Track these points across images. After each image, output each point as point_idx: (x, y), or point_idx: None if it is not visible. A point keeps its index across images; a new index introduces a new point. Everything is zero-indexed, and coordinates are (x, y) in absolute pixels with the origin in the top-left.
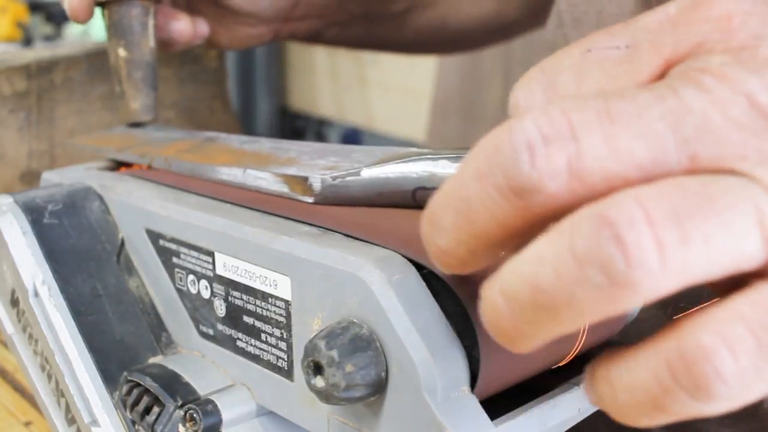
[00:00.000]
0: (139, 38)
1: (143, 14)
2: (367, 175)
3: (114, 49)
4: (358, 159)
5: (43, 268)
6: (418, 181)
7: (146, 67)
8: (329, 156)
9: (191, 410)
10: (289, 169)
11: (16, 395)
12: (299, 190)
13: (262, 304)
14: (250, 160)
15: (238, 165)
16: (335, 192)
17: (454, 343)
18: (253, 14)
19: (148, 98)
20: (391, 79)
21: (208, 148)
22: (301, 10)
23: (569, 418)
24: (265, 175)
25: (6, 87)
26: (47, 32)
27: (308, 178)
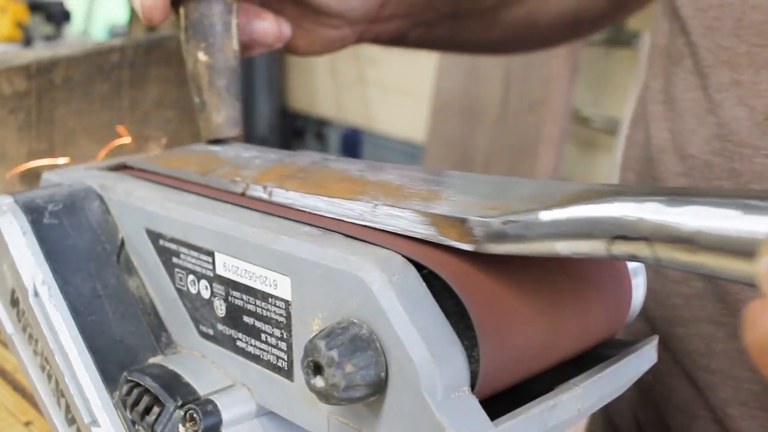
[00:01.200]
0: (222, 40)
1: (226, 12)
2: (548, 218)
3: (192, 53)
4: (523, 195)
5: (43, 268)
6: (618, 228)
7: (230, 74)
8: (481, 189)
9: (191, 410)
10: (437, 206)
11: (16, 395)
12: (453, 234)
13: (262, 304)
14: (377, 192)
15: (366, 199)
16: (503, 239)
17: (454, 343)
18: (340, 14)
19: (233, 110)
20: (391, 79)
21: (317, 174)
22: (390, 10)
23: (569, 418)
24: (405, 213)
25: (6, 87)
26: (47, 32)
27: (467, 220)
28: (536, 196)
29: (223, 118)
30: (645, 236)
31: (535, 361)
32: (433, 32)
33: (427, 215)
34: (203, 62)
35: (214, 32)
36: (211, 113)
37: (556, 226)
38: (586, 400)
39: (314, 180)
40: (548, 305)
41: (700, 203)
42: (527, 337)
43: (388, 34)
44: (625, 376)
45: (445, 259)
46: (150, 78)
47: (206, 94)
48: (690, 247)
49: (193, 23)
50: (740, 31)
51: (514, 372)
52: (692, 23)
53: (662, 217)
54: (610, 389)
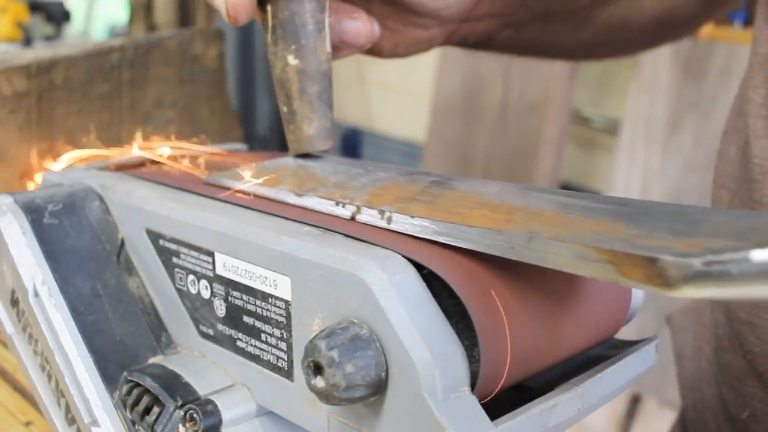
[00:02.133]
0: (315, 41)
1: (319, 10)
2: (762, 258)
3: (282, 56)
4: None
5: (43, 268)
6: None
7: (323, 80)
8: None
9: (191, 410)
10: (609, 241)
11: (16, 395)
12: (638, 275)
13: (262, 304)
14: (528, 220)
15: (515, 229)
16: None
17: (454, 343)
18: (434, 13)
19: (326, 120)
20: (391, 79)
21: (445, 197)
22: (483, 8)
23: (569, 418)
24: (573, 249)
25: (6, 87)
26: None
27: (658, 259)
28: (737, 230)
29: (315, 129)
30: None
31: (535, 361)
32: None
33: (602, 252)
34: (294, 66)
35: (306, 33)
36: (302, 124)
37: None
38: (586, 400)
39: (444, 205)
40: (548, 305)
41: None
42: (527, 337)
43: (477, 34)
44: (625, 376)
45: (445, 259)
46: (150, 78)
47: (297, 102)
48: None
49: (282, 23)
50: None
51: (514, 372)
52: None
53: None
54: (610, 389)
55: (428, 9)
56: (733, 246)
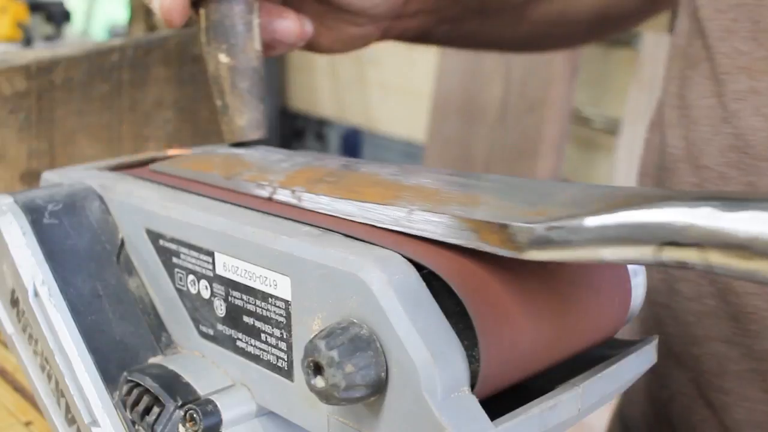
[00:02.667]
0: (244, 40)
1: (247, 12)
2: (593, 224)
3: (214, 55)
4: (564, 200)
5: (43, 269)
6: (668, 234)
7: (253, 75)
8: (520, 193)
9: (191, 410)
10: (475, 211)
11: (16, 395)
12: (495, 240)
13: (262, 304)
14: (413, 196)
15: (400, 204)
16: (547, 245)
17: (454, 343)
18: (363, 11)
19: (257, 112)
20: (391, 79)
21: (348, 178)
22: (414, 6)
23: (569, 418)
24: (442, 218)
25: (6, 87)
26: (47, 32)
27: (509, 225)
28: (579, 201)
29: (246, 120)
30: (697, 242)
31: (535, 361)
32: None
33: (466, 221)
34: (225, 64)
35: (236, 33)
36: (234, 116)
37: (602, 232)
38: (586, 400)
39: (345, 184)
40: (548, 305)
41: (757, 208)
42: (527, 337)
43: (413, 30)
44: (625, 376)
45: (445, 259)
46: (150, 78)
47: (228, 96)
48: (746, 253)
49: (213, 24)
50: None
51: (514, 372)
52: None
53: (716, 223)
54: (610, 389)
55: (356, 8)
56: (572, 213)
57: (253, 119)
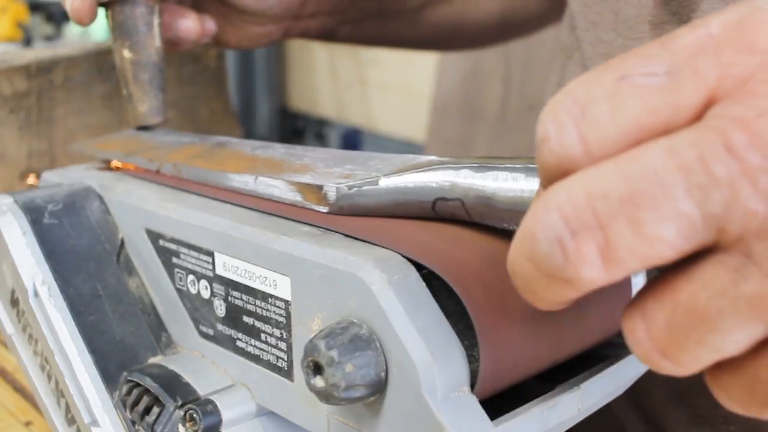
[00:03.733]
0: (145, 38)
1: (148, 13)
2: (385, 184)
3: (119, 50)
4: (375, 167)
5: (43, 268)
6: (438, 192)
7: (153, 68)
8: (345, 164)
9: (191, 410)
10: (302, 177)
11: (16, 395)
12: (313, 199)
13: (262, 304)
14: (262, 166)
15: (250, 172)
16: (351, 202)
17: (454, 343)
18: (259, 12)
19: (156, 100)
20: (391, 79)
21: (218, 153)
22: (311, 8)
23: (569, 418)
24: (278, 183)
25: (6, 87)
26: (47, 32)
27: (323, 186)
28: (384, 168)
29: (146, 107)
30: (459, 197)
31: (535, 360)
32: (362, 30)
33: (294, 184)
34: (128, 58)
35: (138, 31)
36: (137, 104)
37: (391, 191)
38: (586, 400)
39: (215, 158)
40: None
41: (498, 169)
42: (527, 337)
43: (315, 30)
44: (625, 376)
45: (445, 259)
46: None
47: (132, 86)
48: (491, 204)
49: (118, 24)
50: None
51: (514, 372)
52: (579, 18)
53: (471, 181)
54: (610, 389)
55: (252, 9)
56: (370, 176)
57: (152, 107)
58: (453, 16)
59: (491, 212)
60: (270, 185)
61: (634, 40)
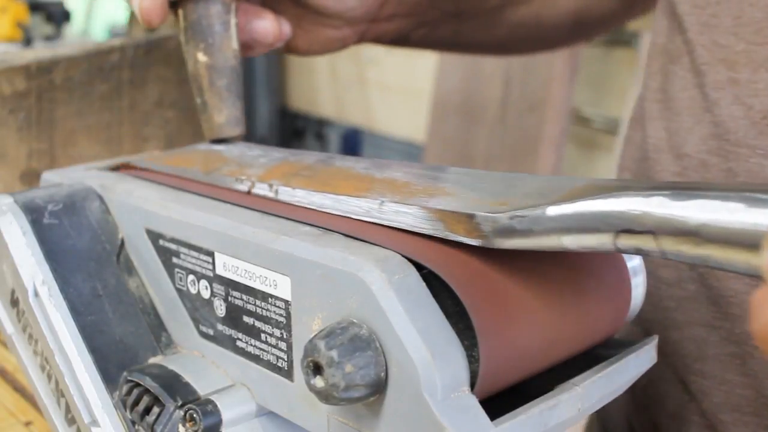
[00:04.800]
0: (221, 40)
1: (224, 12)
2: (555, 213)
3: (192, 54)
4: (525, 191)
5: (43, 268)
6: (624, 222)
7: (230, 73)
8: (487, 185)
9: (191, 410)
10: (443, 202)
11: (16, 395)
12: (460, 229)
13: (262, 304)
14: (384, 189)
15: (372, 195)
16: (511, 234)
17: (454, 343)
18: (339, 15)
19: (235, 109)
20: (391, 79)
21: (323, 172)
22: (390, 9)
23: (569, 418)
24: (411, 209)
25: (6, 87)
26: (47, 32)
27: (474, 216)
28: (542, 192)
29: (224, 117)
30: (650, 230)
31: (536, 360)
32: (437, 32)
33: (434, 211)
34: (203, 63)
35: (213, 32)
36: (213, 113)
37: (563, 221)
38: (586, 400)
39: (320, 178)
40: (548, 305)
41: (704, 197)
42: (527, 337)
43: (390, 34)
44: (625, 376)
45: (445, 258)
46: (150, 78)
47: (207, 94)
48: (695, 239)
49: (191, 24)
50: (738, 29)
51: (514, 372)
52: (689, 20)
53: (667, 211)
54: (610, 389)
55: (332, 11)
56: (534, 203)
57: (231, 116)
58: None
59: (694, 249)
60: (399, 212)
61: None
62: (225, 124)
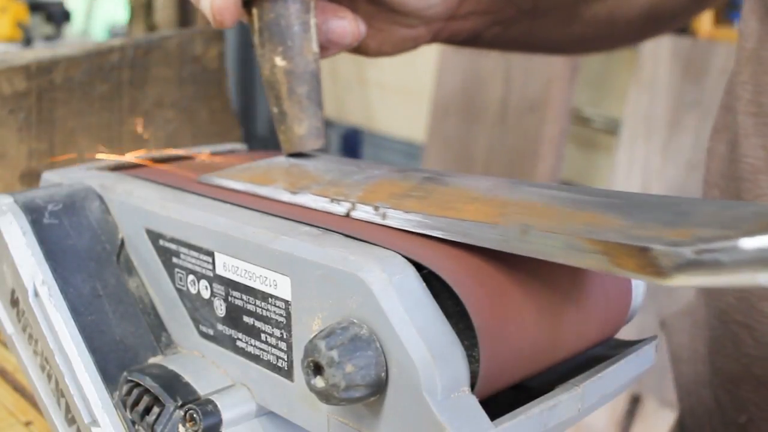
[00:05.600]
0: (301, 42)
1: (304, 11)
2: (751, 245)
3: (269, 58)
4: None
5: (43, 268)
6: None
7: (311, 79)
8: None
9: (191, 410)
10: (603, 232)
11: (16, 395)
12: (631, 264)
13: (262, 304)
14: (521, 214)
15: (508, 222)
16: (696, 270)
17: (454, 343)
18: (418, 12)
19: (316, 119)
20: (391, 79)
21: (437, 193)
22: (468, 7)
23: (569, 418)
24: (565, 240)
25: (6, 87)
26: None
27: (650, 249)
28: (722, 220)
29: (305, 129)
30: None
31: (535, 361)
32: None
33: (595, 243)
34: (281, 68)
35: (292, 34)
36: (293, 124)
37: (761, 255)
38: (586, 400)
39: (436, 200)
40: (548, 305)
41: None
42: (527, 337)
43: (464, 33)
44: (625, 376)
45: (445, 259)
46: (150, 78)
47: (286, 103)
48: None
49: (268, 25)
50: None
51: (514, 372)
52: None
53: None
54: (610, 389)
55: (411, 8)
56: (723, 234)
57: (312, 127)
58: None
59: None
60: (548, 243)
61: None
62: (306, 136)
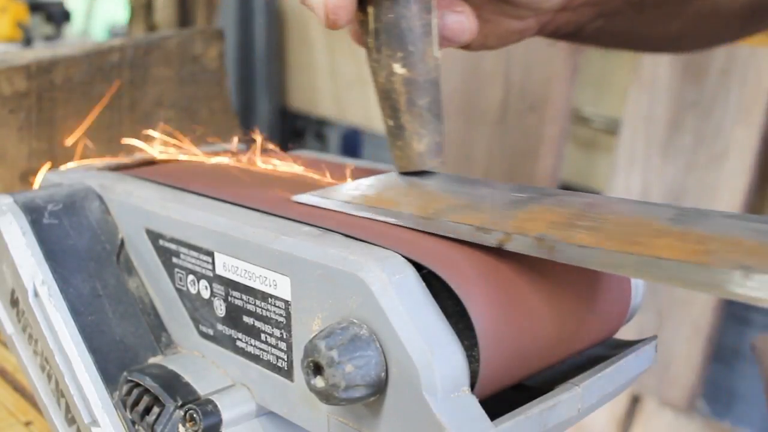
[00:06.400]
0: (423, 47)
1: (425, 11)
2: None
3: (386, 64)
4: None
5: (42, 268)
6: None
7: (432, 89)
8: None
9: (191, 410)
10: None
11: (16, 395)
12: None
13: (262, 304)
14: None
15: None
16: None
17: (454, 343)
18: (535, 4)
19: (437, 134)
20: None
21: (609, 223)
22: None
23: (569, 418)
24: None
25: (6, 87)
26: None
27: None
28: None
29: (425, 145)
30: None
31: (535, 360)
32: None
33: None
34: (401, 76)
35: (414, 37)
36: (412, 140)
37: None
38: (586, 400)
39: (615, 232)
40: (548, 305)
41: None
42: (527, 336)
43: (570, 26)
44: (625, 376)
45: (445, 259)
46: (150, 78)
47: (405, 116)
48: None
49: (386, 26)
50: None
51: (514, 372)
52: None
53: None
54: (610, 389)
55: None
56: None
57: (432, 143)
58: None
59: None
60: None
61: None
62: (425, 154)
